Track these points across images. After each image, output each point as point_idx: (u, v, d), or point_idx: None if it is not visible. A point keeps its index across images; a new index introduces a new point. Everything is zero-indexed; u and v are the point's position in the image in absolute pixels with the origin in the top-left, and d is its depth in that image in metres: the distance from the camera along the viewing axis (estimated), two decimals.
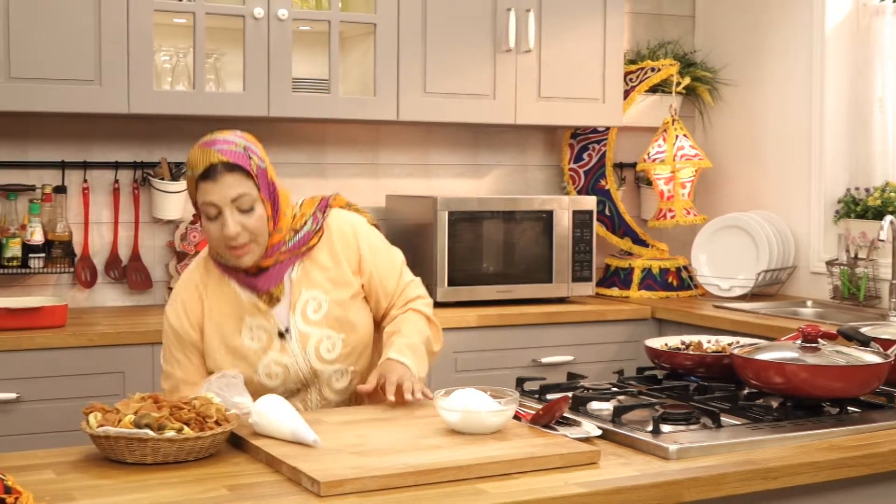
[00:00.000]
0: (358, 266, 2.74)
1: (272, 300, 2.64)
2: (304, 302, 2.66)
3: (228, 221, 2.52)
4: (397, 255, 2.85)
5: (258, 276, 2.63)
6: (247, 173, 2.55)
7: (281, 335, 2.65)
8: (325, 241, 2.71)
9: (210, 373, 2.65)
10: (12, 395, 3.55)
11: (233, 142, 2.58)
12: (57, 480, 2.05)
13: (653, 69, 4.98)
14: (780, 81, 4.94)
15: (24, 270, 4.02)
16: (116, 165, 4.28)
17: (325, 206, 2.74)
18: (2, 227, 4.02)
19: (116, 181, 4.29)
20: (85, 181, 4.24)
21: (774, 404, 2.59)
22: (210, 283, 2.68)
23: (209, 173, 2.52)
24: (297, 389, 2.70)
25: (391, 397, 2.57)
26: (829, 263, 4.60)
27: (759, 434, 2.37)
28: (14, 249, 3.99)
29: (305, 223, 2.68)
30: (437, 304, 4.30)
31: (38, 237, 4.03)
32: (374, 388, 2.62)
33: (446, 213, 4.34)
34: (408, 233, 4.52)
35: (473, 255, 4.44)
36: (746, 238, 4.79)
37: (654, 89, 5.05)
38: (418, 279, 2.88)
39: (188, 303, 2.68)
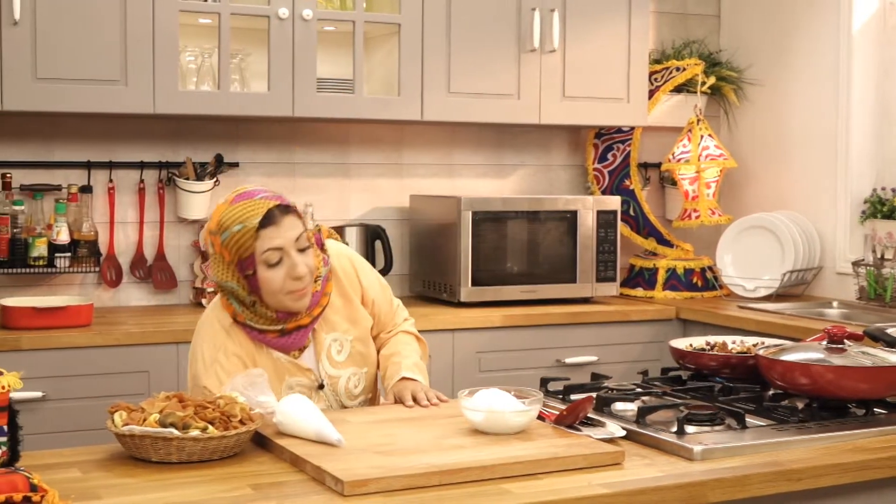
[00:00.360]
0: (362, 299, 2.81)
1: (301, 350, 2.69)
2: (328, 346, 2.71)
3: (297, 261, 2.55)
4: (383, 281, 2.92)
5: (292, 335, 2.64)
6: (297, 214, 2.60)
7: (320, 387, 2.70)
8: (335, 282, 2.76)
9: None
10: (38, 394, 3.57)
11: (268, 190, 2.63)
12: (82, 479, 2.06)
13: (678, 69, 4.96)
14: (806, 81, 4.92)
15: (50, 270, 4.04)
16: (142, 165, 4.30)
17: (321, 244, 2.74)
18: (28, 226, 4.04)
19: (142, 181, 4.31)
20: (110, 181, 4.26)
21: (800, 405, 2.58)
22: (244, 349, 2.64)
23: (269, 219, 2.53)
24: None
25: (410, 404, 2.64)
26: (855, 264, 4.57)
27: (784, 435, 2.36)
28: (40, 249, 4.01)
29: (319, 262, 2.68)
30: (461, 305, 4.31)
31: (63, 237, 4.05)
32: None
33: (470, 213, 4.34)
34: (432, 233, 4.52)
35: (497, 256, 4.43)
36: (772, 238, 4.77)
37: (678, 89, 5.03)
38: (398, 300, 2.98)
39: (225, 352, 2.63)
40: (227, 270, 2.58)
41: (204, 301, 4.25)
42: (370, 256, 4.51)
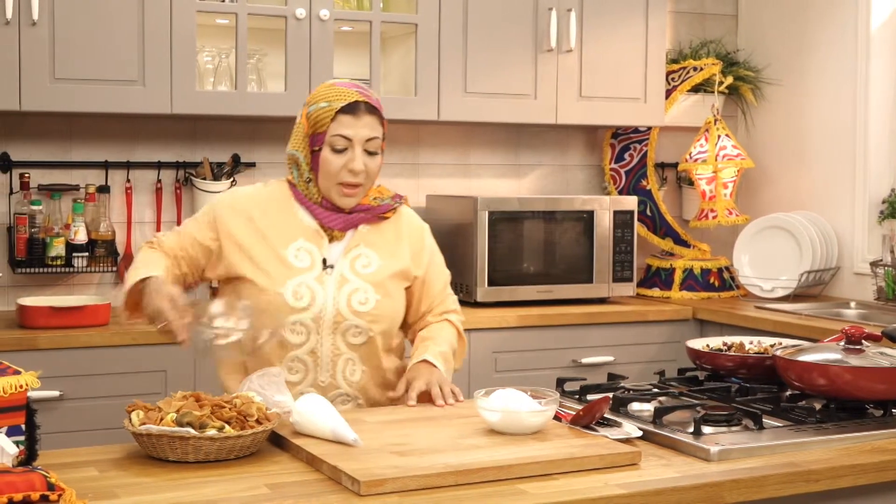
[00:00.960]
0: (416, 259, 2.81)
1: (333, 237, 2.72)
2: (358, 253, 2.73)
3: (358, 157, 2.65)
4: (447, 270, 2.93)
5: (335, 214, 2.71)
6: (381, 121, 2.71)
7: (324, 265, 2.69)
8: (394, 221, 2.80)
9: (228, 279, 2.72)
10: (56, 393, 3.58)
11: (368, 89, 2.73)
12: (99, 478, 2.06)
13: (695, 68, 4.95)
14: (824, 80, 4.90)
15: (67, 269, 4.06)
16: (159, 165, 4.31)
17: (402, 198, 2.85)
18: (46, 226, 4.06)
19: (159, 181, 4.32)
20: (128, 181, 4.27)
21: (817, 406, 2.57)
22: (276, 202, 2.74)
23: (352, 108, 2.65)
24: (309, 333, 2.68)
25: (412, 402, 2.62)
26: (874, 264, 4.56)
27: (801, 436, 2.35)
28: (58, 249, 4.03)
29: (388, 197, 2.80)
30: (478, 305, 4.31)
31: (81, 236, 4.06)
32: (402, 394, 2.66)
33: (487, 213, 4.34)
34: (448, 233, 4.52)
35: (514, 256, 4.43)
36: (789, 239, 4.76)
37: (696, 89, 5.02)
38: (456, 297, 2.95)
39: (232, 213, 2.72)
40: (301, 141, 2.70)
41: None
42: None
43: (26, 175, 4.07)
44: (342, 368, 2.71)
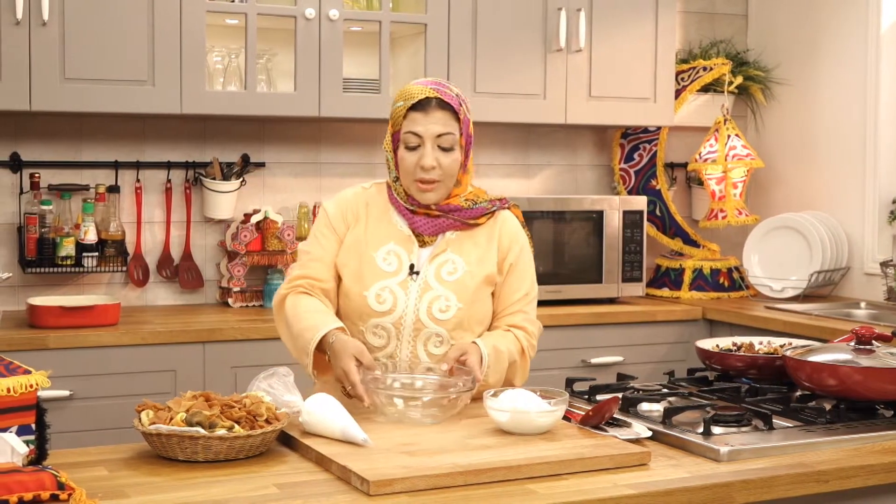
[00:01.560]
0: (501, 265, 2.74)
1: (424, 243, 2.71)
2: (445, 259, 2.69)
3: (428, 153, 2.64)
4: (534, 286, 2.81)
5: (424, 219, 2.71)
6: (456, 116, 2.69)
7: (411, 270, 2.67)
8: (490, 225, 2.75)
9: (338, 275, 2.71)
10: (66, 393, 3.59)
11: (448, 86, 2.73)
12: (109, 477, 2.07)
13: (705, 68, 4.95)
14: (834, 80, 4.89)
15: (77, 269, 4.06)
16: (169, 165, 4.32)
17: (505, 202, 2.83)
18: (56, 226, 4.06)
19: (169, 181, 4.33)
20: (138, 181, 4.28)
21: (827, 406, 2.56)
22: (375, 206, 2.76)
23: (422, 105, 2.66)
24: (389, 337, 2.67)
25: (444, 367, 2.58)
26: (884, 264, 4.55)
27: (811, 436, 2.35)
28: (68, 248, 4.03)
29: (484, 201, 2.76)
30: None
31: (91, 236, 4.07)
32: (450, 368, 2.58)
33: None
34: None
35: None
36: (799, 239, 4.75)
37: (706, 89, 5.02)
38: (539, 324, 2.82)
39: (350, 206, 2.76)
40: (388, 141, 2.75)
41: (230, 300, 4.27)
42: None
43: (36, 175, 4.07)
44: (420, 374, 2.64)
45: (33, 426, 2.00)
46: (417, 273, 2.67)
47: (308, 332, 2.58)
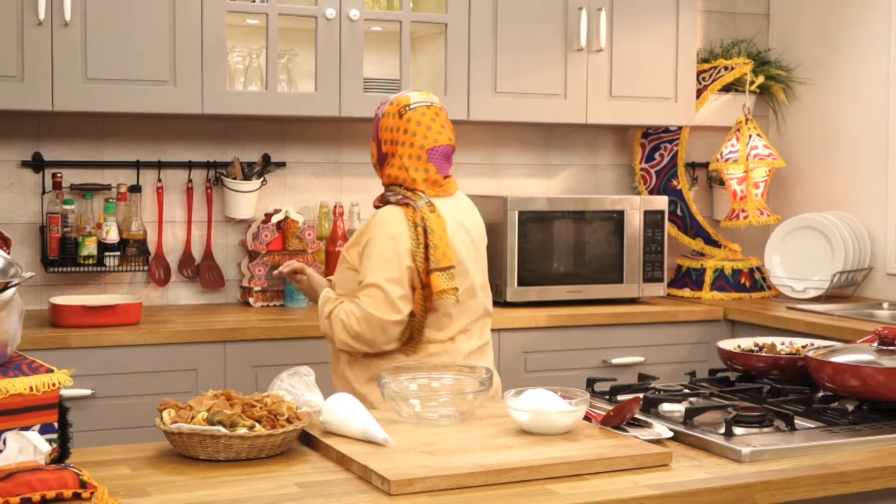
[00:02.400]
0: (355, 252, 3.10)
1: None
2: None
3: None
4: (371, 260, 3.02)
5: None
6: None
7: None
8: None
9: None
10: (88, 392, 3.61)
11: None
12: (131, 476, 2.07)
13: (726, 68, 4.93)
14: (857, 79, 4.87)
15: (99, 269, 4.08)
16: (190, 165, 4.33)
17: (383, 198, 3.13)
18: (78, 225, 4.08)
19: (190, 181, 4.34)
20: (159, 181, 4.29)
21: (850, 407, 2.55)
22: None
23: None
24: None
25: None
26: None
27: (833, 438, 2.34)
28: (90, 248, 4.05)
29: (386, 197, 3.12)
30: (507, 304, 4.31)
31: (113, 236, 4.09)
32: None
33: (516, 213, 4.33)
34: None
35: (544, 255, 4.42)
36: (821, 239, 4.73)
37: (727, 88, 5.00)
38: (363, 308, 3.00)
39: None
40: None
41: (251, 300, 4.28)
42: None
43: (59, 175, 4.09)
44: None
45: (56, 425, 2.01)
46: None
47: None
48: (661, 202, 4.62)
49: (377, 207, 3.09)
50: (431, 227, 2.99)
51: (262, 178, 4.36)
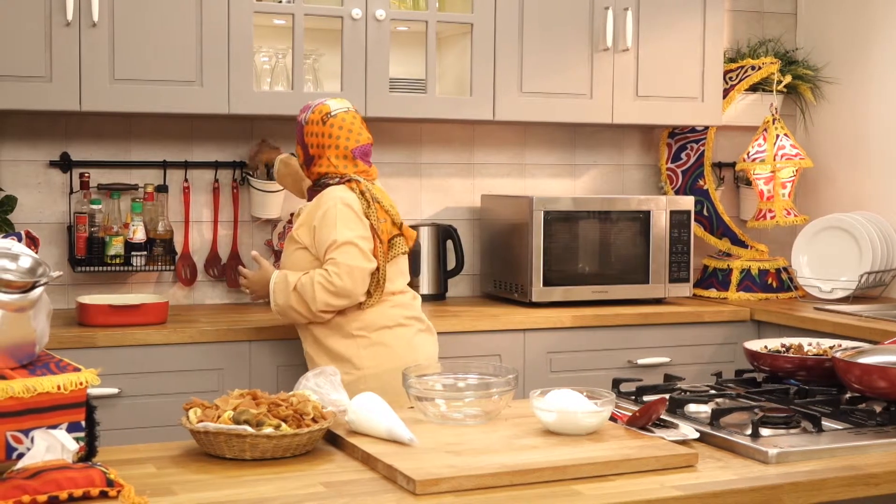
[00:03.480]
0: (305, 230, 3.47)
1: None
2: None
3: None
4: (339, 233, 3.40)
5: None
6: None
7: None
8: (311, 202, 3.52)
9: None
10: (115, 391, 3.62)
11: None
12: (157, 474, 2.08)
13: (753, 67, 4.91)
14: (885, 79, 4.84)
15: (126, 268, 4.10)
16: (216, 165, 4.35)
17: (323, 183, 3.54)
18: (105, 225, 4.10)
19: (216, 180, 4.35)
20: (186, 180, 4.31)
21: (878, 409, 2.53)
22: None
23: None
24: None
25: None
26: None
27: (861, 439, 2.32)
28: (117, 247, 4.07)
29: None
30: (532, 304, 4.30)
31: (140, 235, 4.10)
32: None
33: (542, 213, 4.33)
34: (503, 232, 4.51)
35: (569, 255, 4.42)
36: (849, 239, 4.70)
37: (754, 88, 4.98)
38: (343, 263, 3.38)
39: None
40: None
41: None
42: (441, 256, 4.52)
43: (86, 174, 4.12)
44: None
45: (83, 423, 2.02)
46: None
47: None
48: (687, 202, 4.61)
49: (313, 194, 3.53)
50: (376, 196, 3.48)
51: None
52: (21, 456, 1.94)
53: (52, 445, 1.95)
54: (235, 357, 3.77)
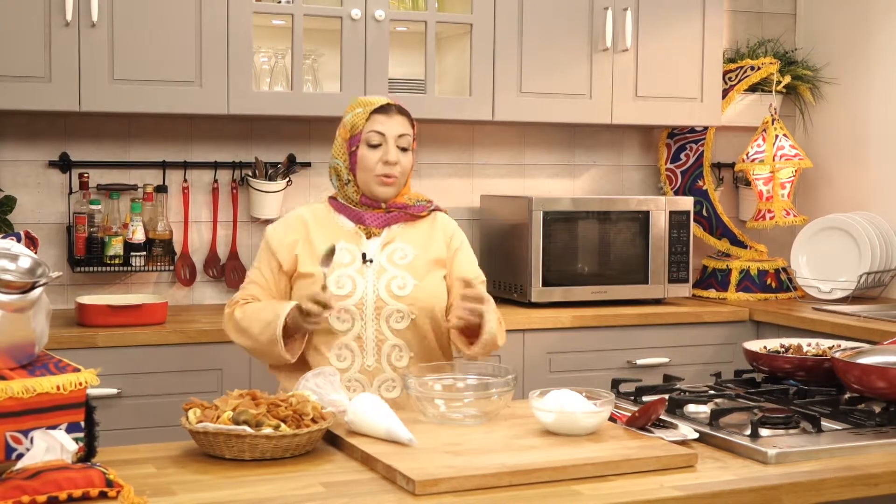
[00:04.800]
0: (448, 249, 3.04)
1: (370, 234, 2.97)
2: (394, 248, 2.96)
3: (391, 150, 2.94)
4: (479, 270, 3.11)
5: (373, 213, 2.97)
6: (410, 122, 3.01)
7: (364, 258, 2.92)
8: (429, 221, 3.05)
9: (291, 288, 2.96)
10: (114, 391, 3.62)
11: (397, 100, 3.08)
12: (157, 475, 2.08)
13: (752, 68, 4.91)
14: (884, 79, 4.84)
15: (125, 268, 4.10)
16: (215, 165, 4.35)
17: (433, 203, 3.09)
18: (104, 225, 4.10)
19: (215, 181, 4.35)
20: (185, 181, 4.31)
21: (877, 409, 2.53)
22: (317, 220, 3.00)
23: (385, 109, 2.98)
24: (354, 319, 2.88)
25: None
26: None
27: (860, 439, 2.33)
28: (116, 248, 4.07)
29: (423, 199, 3.05)
30: (532, 305, 4.30)
31: (139, 236, 4.10)
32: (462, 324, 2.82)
33: (541, 214, 4.33)
34: (502, 233, 4.51)
35: (568, 256, 4.42)
36: (848, 239, 4.70)
37: (753, 88, 4.98)
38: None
39: (291, 225, 2.99)
40: (339, 148, 3.01)
41: None
42: None
43: (85, 175, 4.12)
44: (388, 353, 2.88)
45: (82, 424, 2.02)
46: (371, 261, 2.92)
47: (271, 322, 2.80)
48: (686, 203, 4.61)
49: (432, 210, 3.08)
50: None
51: (287, 179, 4.37)
52: (20, 456, 1.94)
53: (51, 446, 1.95)
54: (235, 357, 3.76)
